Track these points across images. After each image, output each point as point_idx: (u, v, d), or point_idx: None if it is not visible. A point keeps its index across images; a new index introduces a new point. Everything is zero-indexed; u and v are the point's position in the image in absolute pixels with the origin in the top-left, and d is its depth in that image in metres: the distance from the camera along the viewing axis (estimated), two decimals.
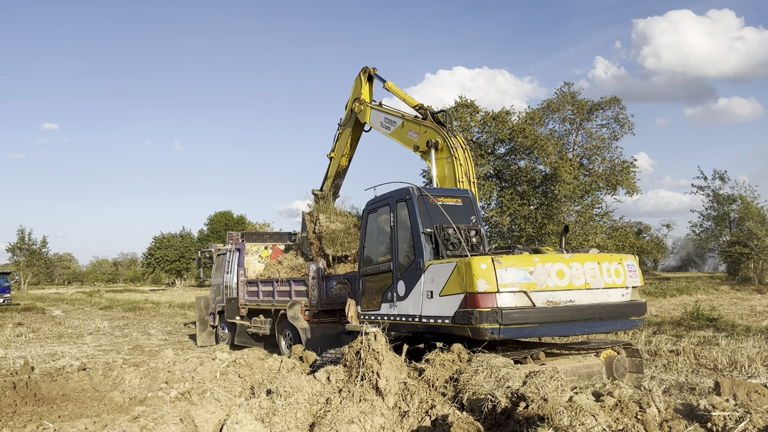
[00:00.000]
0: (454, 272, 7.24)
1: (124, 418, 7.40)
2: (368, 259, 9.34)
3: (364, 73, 12.87)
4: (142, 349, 15.87)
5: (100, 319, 28.28)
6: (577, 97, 40.35)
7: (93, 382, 10.24)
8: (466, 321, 7.00)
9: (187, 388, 8.71)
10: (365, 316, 9.12)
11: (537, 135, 37.55)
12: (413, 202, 8.19)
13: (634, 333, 13.94)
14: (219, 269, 17.34)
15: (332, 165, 14.15)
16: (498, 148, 40.76)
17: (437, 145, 10.14)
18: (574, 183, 36.44)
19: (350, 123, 13.27)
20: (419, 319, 7.81)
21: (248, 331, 15.24)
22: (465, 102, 39.77)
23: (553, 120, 40.91)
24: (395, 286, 8.37)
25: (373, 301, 8.96)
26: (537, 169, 38.65)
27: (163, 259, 79.63)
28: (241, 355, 10.03)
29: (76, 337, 20.75)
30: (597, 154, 39.75)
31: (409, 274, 8.11)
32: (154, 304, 36.86)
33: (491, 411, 5.42)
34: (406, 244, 8.34)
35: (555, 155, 37.63)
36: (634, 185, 38.53)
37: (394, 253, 8.48)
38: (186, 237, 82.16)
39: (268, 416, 6.54)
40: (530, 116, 39.36)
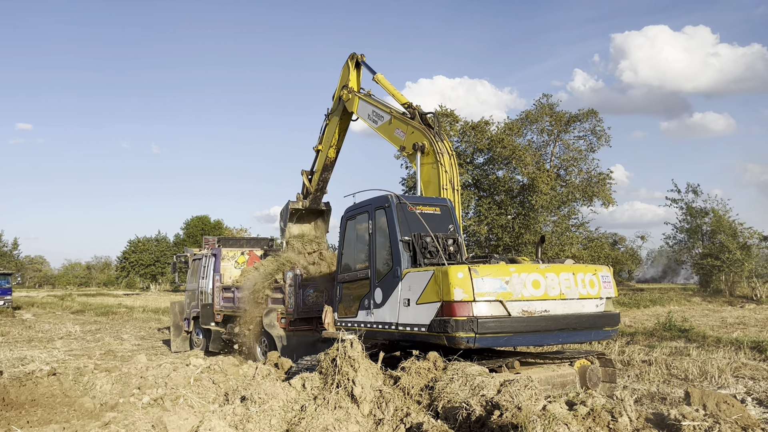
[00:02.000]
0: (431, 280, 7.26)
1: (95, 424, 7.28)
2: (346, 266, 9.33)
3: (351, 60, 12.44)
4: (115, 355, 15.64)
5: (72, 324, 27.80)
6: (555, 109, 40.83)
7: (63, 388, 10.05)
8: (443, 329, 7.03)
9: (160, 394, 8.59)
10: (342, 323, 9.08)
11: (515, 145, 37.88)
12: (392, 210, 8.22)
13: (608, 343, 14.10)
14: (194, 274, 17.18)
15: (319, 158, 13.54)
16: (477, 158, 41.02)
17: (423, 148, 10.01)
18: (551, 194, 36.80)
19: (338, 111, 12.78)
20: (396, 327, 7.84)
21: (223, 337, 15.11)
22: (445, 111, 39.98)
23: (531, 131, 41.33)
24: (372, 294, 8.38)
25: (350, 308, 8.96)
26: (515, 179, 38.97)
27: (137, 263, 78.63)
28: (216, 361, 9.93)
29: (47, 341, 20.38)
30: (574, 165, 40.22)
31: (387, 282, 8.13)
32: (128, 308, 36.34)
33: (466, 419, 5.44)
34: (384, 251, 8.36)
35: (533, 166, 37.99)
36: (610, 197, 39.04)
37: (372, 261, 8.50)
38: (162, 241, 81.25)
39: (242, 423, 6.49)
40: (509, 127, 39.72)
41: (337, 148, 13.35)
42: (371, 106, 11.55)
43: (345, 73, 12.62)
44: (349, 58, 12.50)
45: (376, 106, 11.43)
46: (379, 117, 11.30)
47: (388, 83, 11.83)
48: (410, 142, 10.36)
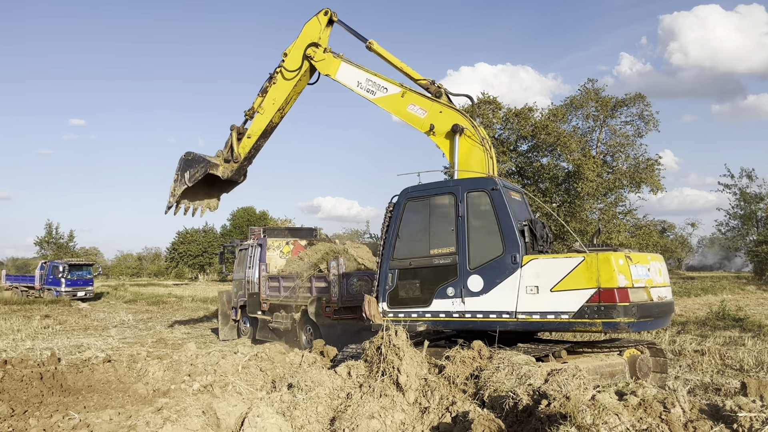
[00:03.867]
0: (579, 267, 7.26)
1: (148, 409, 7.50)
2: (404, 251, 8.63)
3: (324, 15, 10.97)
4: (166, 342, 16.07)
5: (125, 312, 28.70)
6: (601, 94, 39.86)
7: (117, 374, 10.40)
8: (603, 315, 7.07)
9: (210, 381, 8.80)
10: (401, 315, 8.42)
11: (560, 132, 37.15)
12: (501, 194, 7.91)
13: (658, 332, 13.78)
14: (241, 264, 17.48)
15: (258, 121, 11.60)
16: (520, 145, 40.40)
17: (463, 130, 9.42)
18: (597, 180, 36.01)
19: (300, 72, 11.11)
20: (513, 316, 7.57)
21: (269, 326, 15.35)
22: (487, 98, 39.51)
23: (576, 117, 40.46)
24: (463, 282, 7.93)
25: (415, 298, 8.39)
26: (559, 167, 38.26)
27: (186, 254, 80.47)
28: (263, 349, 10.10)
29: (102, 329, 21.09)
30: (621, 151, 39.25)
31: (492, 269, 7.77)
32: (177, 298, 37.29)
33: (512, 408, 5.39)
34: (487, 236, 8.01)
35: (578, 152, 37.22)
36: (659, 183, 37.99)
37: (463, 246, 8.02)
38: (209, 232, 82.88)
39: (290, 410, 6.59)
40: (553, 113, 38.96)
41: (284, 114, 11.79)
42: (364, 74, 10.41)
43: (314, 29, 11.11)
44: (320, 13, 11.05)
45: (374, 76, 10.32)
46: (378, 88, 10.26)
47: (389, 53, 10.78)
48: (443, 122, 9.65)
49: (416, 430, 5.97)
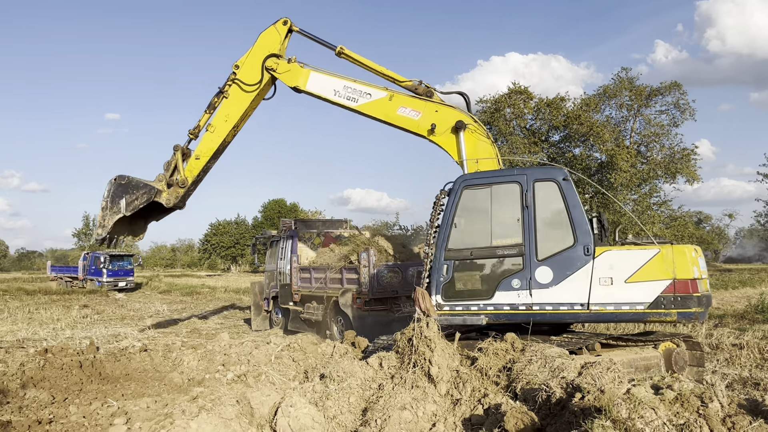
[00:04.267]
0: (654, 259, 7.36)
1: (184, 398, 7.65)
2: (462, 241, 8.22)
3: (284, 25, 10.18)
4: (200, 333, 16.34)
5: (160, 303, 29.24)
6: (635, 83, 39.08)
7: (153, 363, 10.61)
8: (679, 305, 7.23)
9: (243, 371, 8.92)
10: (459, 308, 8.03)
11: (593, 122, 36.62)
12: (571, 184, 7.83)
13: (694, 325, 13.51)
14: (273, 256, 17.65)
15: (209, 140, 10.38)
16: (552, 136, 39.97)
17: (466, 126, 9.17)
18: (631, 171, 35.43)
19: (261, 85, 10.25)
20: (586, 307, 7.55)
21: (301, 316, 15.50)
22: (518, 88, 39.12)
23: (609, 106, 39.74)
24: (530, 273, 7.78)
25: (474, 290, 8.10)
26: (592, 157, 37.77)
27: (218, 245, 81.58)
28: (295, 340, 10.20)
29: (138, 319, 21.53)
30: (656, 141, 38.47)
31: (563, 260, 7.70)
32: (211, 288, 37.84)
33: (545, 401, 5.36)
34: (554, 227, 7.92)
35: (611, 142, 36.66)
36: (695, 173, 37.17)
37: (530, 237, 7.83)
38: (241, 224, 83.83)
39: (322, 400, 6.65)
40: (586, 102, 38.39)
41: (237, 131, 10.76)
42: (340, 81, 9.81)
43: (271, 39, 10.24)
44: (279, 23, 10.22)
45: (352, 82, 9.76)
46: (360, 94, 9.71)
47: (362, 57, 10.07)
48: (444, 121, 9.27)
49: (448, 421, 5.97)
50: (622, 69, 39.37)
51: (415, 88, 9.64)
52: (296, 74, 10.11)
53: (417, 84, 9.68)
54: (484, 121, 41.05)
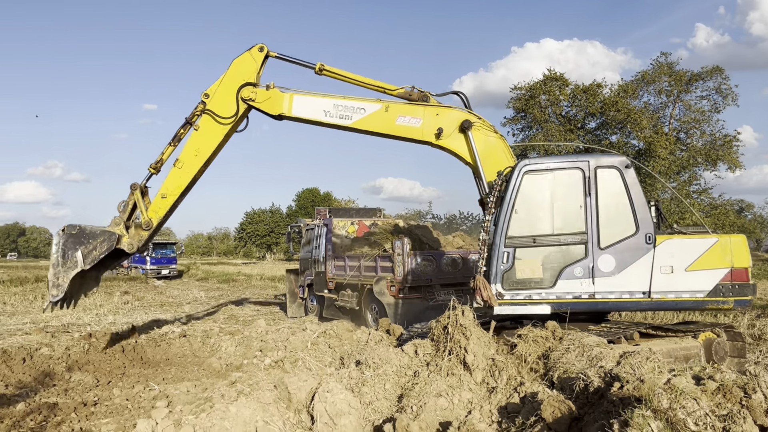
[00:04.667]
0: (714, 247, 7.57)
1: (223, 382, 7.81)
2: (522, 228, 8.00)
3: (260, 51, 9.41)
4: (236, 319, 16.59)
5: (197, 290, 29.78)
6: (674, 68, 38.17)
7: (192, 348, 10.86)
8: (735, 293, 7.48)
9: (280, 357, 9.06)
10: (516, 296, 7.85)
11: (630, 108, 35.95)
12: (633, 171, 7.83)
13: (735, 315, 13.23)
14: (308, 244, 17.82)
15: (177, 177, 9.42)
16: (588, 123, 39.36)
17: (472, 124, 8.89)
18: (670, 158, 34.72)
19: (237, 117, 9.42)
20: (647, 295, 7.61)
21: (336, 304, 15.63)
22: (554, 75, 38.56)
23: (648, 92, 38.97)
24: (593, 261, 7.73)
25: (535, 279, 7.93)
26: (630, 144, 37.10)
27: (254, 233, 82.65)
28: (331, 327, 10.31)
29: (176, 305, 21.99)
30: (696, 127, 37.59)
31: (625, 249, 7.70)
32: (247, 276, 38.39)
33: (583, 390, 5.32)
34: (619, 215, 7.85)
35: (650, 129, 35.95)
36: (737, 160, 36.24)
37: (592, 225, 7.76)
38: (275, 212, 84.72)
39: (358, 386, 6.71)
40: (623, 89, 37.68)
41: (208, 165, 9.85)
42: (329, 100, 9.20)
43: (246, 67, 9.42)
44: (255, 49, 9.45)
45: (342, 99, 9.18)
46: (353, 111, 9.15)
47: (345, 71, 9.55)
48: (449, 123, 8.94)
49: (484, 409, 5.97)
50: (662, 54, 38.58)
51: (409, 94, 9.24)
52: (278, 101, 9.30)
53: (410, 90, 9.26)
54: (518, 109, 40.65)
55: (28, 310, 19.46)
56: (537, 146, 37.20)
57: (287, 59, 9.54)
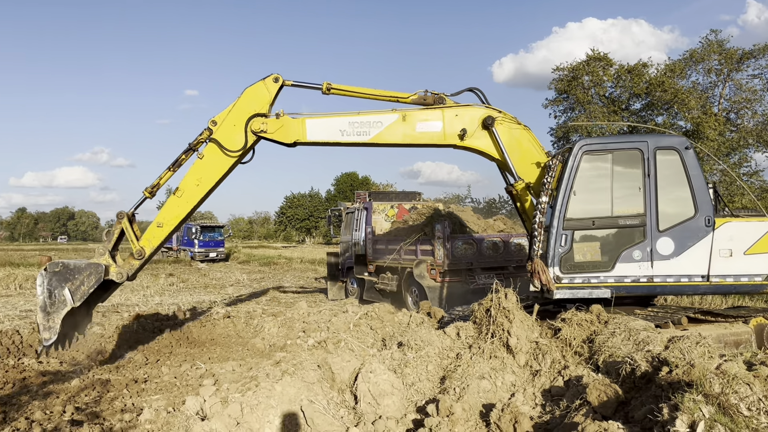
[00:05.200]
0: None
1: (267, 362, 7.95)
2: (580, 210, 7.81)
3: (275, 82, 8.82)
4: (278, 301, 16.86)
5: (239, 273, 30.33)
6: (724, 46, 36.81)
7: (236, 329, 11.07)
8: None
9: (323, 338, 9.17)
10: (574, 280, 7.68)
11: (678, 88, 34.86)
12: (693, 153, 7.70)
13: None
14: (348, 227, 17.93)
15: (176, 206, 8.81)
16: (633, 104, 38.38)
17: (494, 120, 8.58)
18: (719, 140, 33.63)
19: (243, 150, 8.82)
20: (706, 279, 7.57)
21: (376, 287, 15.72)
22: (597, 55, 37.67)
23: (696, 71, 37.66)
24: (651, 244, 7.59)
25: (594, 262, 7.75)
26: (677, 126, 36.02)
27: (293, 217, 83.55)
28: (372, 309, 10.38)
29: (220, 287, 22.44)
30: (747, 107, 36.24)
31: (684, 231, 7.61)
32: (287, 259, 38.88)
33: (629, 374, 5.24)
34: (675, 196, 7.78)
35: (698, 110, 34.84)
36: None
37: (651, 207, 7.62)
38: (314, 197, 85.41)
39: (400, 367, 6.76)
40: (670, 68, 36.53)
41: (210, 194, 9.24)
42: (343, 119, 8.80)
43: (259, 97, 8.83)
44: (270, 79, 8.87)
45: (356, 116, 8.79)
46: (370, 126, 8.78)
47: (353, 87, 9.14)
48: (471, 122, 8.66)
49: (527, 392, 5.95)
50: (711, 31, 37.13)
51: (423, 99, 8.93)
52: (291, 128, 8.80)
53: (423, 95, 8.96)
54: (560, 90, 39.89)
55: None
56: (579, 128, 36.50)
57: (300, 85, 9.07)
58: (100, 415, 6.29)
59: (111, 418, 6.15)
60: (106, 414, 6.31)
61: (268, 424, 5.62)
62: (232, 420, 5.61)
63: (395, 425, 5.77)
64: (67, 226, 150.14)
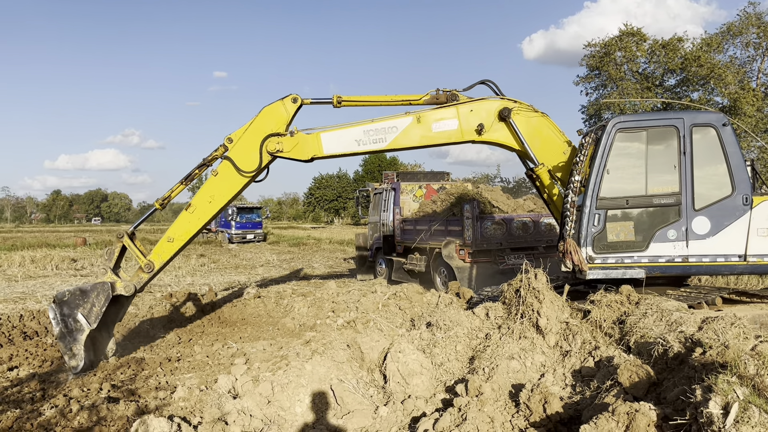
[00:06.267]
0: None
1: (297, 341, 8.05)
2: (614, 189, 7.68)
3: (294, 102, 8.68)
4: (308, 281, 17.01)
5: (269, 253, 30.65)
6: (763, 19, 35.58)
7: (267, 309, 11.22)
8: None
9: (352, 318, 9.23)
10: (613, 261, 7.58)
11: (714, 63, 33.88)
12: (731, 130, 7.54)
13: None
14: (376, 208, 17.95)
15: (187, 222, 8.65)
16: (668, 80, 37.46)
17: (511, 111, 8.42)
18: (758, 116, 32.66)
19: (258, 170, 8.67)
20: (743, 259, 7.46)
21: (404, 267, 15.74)
22: (631, 30, 36.75)
23: (734, 45, 36.47)
24: (687, 223, 7.47)
25: (627, 242, 7.64)
26: (713, 102, 35.07)
27: (322, 198, 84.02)
28: (401, 289, 10.41)
29: (250, 268, 22.73)
30: None
31: (721, 210, 7.49)
32: (316, 240, 39.17)
33: (662, 355, 5.17)
34: (715, 176, 7.64)
35: (735, 85, 33.84)
36: None
37: (688, 185, 7.49)
38: (343, 178, 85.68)
39: (429, 347, 6.78)
40: (706, 42, 35.47)
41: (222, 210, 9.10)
42: (358, 128, 8.69)
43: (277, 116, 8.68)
44: (288, 99, 8.72)
45: (370, 124, 8.67)
46: (385, 132, 8.69)
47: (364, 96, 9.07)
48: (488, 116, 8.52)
49: (557, 372, 5.92)
50: (749, 3, 35.85)
51: (436, 99, 8.84)
52: (306, 145, 8.69)
53: (435, 94, 8.88)
54: (592, 67, 39.09)
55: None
56: (612, 105, 35.81)
57: (318, 102, 8.95)
58: (136, 392, 6.46)
59: (146, 396, 6.31)
60: (141, 391, 6.47)
61: (299, 403, 5.70)
62: (263, 398, 5.70)
63: (424, 404, 5.80)
64: (100, 208, 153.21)
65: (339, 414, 5.64)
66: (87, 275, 19.20)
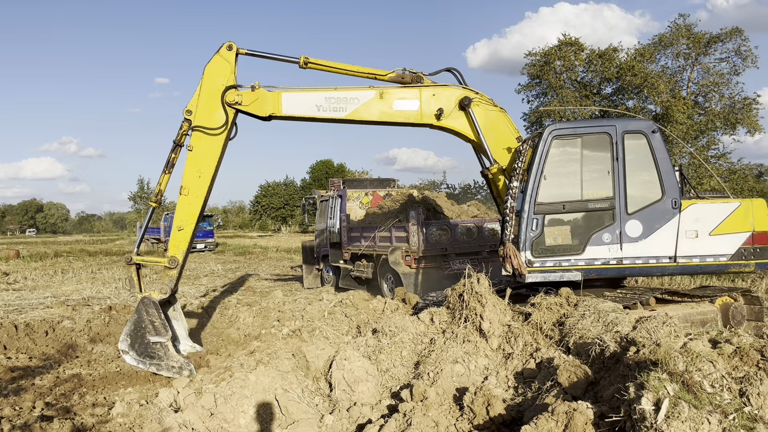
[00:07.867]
0: (736, 212, 7.75)
1: (242, 352, 7.93)
2: (551, 194, 7.82)
3: (229, 50, 8.55)
4: (254, 290, 16.77)
5: (214, 263, 30.06)
6: (693, 30, 37.28)
7: (211, 320, 11.01)
8: (756, 257, 7.72)
9: (298, 326, 9.16)
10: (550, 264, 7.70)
11: (647, 72, 35.27)
12: (659, 136, 7.80)
13: (753, 280, 13.15)
14: (323, 215, 17.87)
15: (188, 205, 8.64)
16: (604, 88, 38.77)
17: (471, 101, 8.57)
18: (688, 123, 34.15)
19: (228, 125, 8.58)
20: (673, 260, 7.71)
21: (351, 274, 15.72)
22: (569, 40, 37.91)
23: (665, 56, 38.05)
24: (620, 227, 7.68)
25: (564, 246, 7.80)
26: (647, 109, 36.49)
27: (269, 206, 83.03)
28: (347, 296, 10.39)
29: (194, 278, 22.23)
30: (714, 91, 36.79)
31: (651, 214, 7.71)
32: (263, 248, 38.68)
33: (599, 355, 5.33)
34: (646, 181, 7.87)
35: (667, 94, 35.31)
36: (757, 124, 35.47)
37: (620, 190, 7.71)
38: (290, 185, 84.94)
39: (375, 354, 6.79)
40: (640, 53, 36.92)
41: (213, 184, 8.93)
42: (320, 94, 8.63)
43: (221, 69, 8.54)
44: (223, 48, 8.56)
45: (333, 91, 8.64)
46: (346, 101, 8.67)
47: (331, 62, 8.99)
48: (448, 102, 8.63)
49: (500, 375, 6.03)
50: (680, 15, 37.65)
51: (402, 77, 8.86)
52: (266, 101, 8.60)
53: (401, 73, 8.87)
54: (533, 75, 40.10)
55: (49, 284, 19.78)
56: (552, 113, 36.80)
57: (261, 55, 8.83)
58: (71, 409, 6.23)
59: (82, 413, 6.10)
60: (77, 409, 6.25)
61: (243, 414, 5.62)
62: (206, 411, 5.60)
63: (370, 411, 5.80)
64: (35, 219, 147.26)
65: (284, 424, 5.59)
66: (20, 289, 18.40)
